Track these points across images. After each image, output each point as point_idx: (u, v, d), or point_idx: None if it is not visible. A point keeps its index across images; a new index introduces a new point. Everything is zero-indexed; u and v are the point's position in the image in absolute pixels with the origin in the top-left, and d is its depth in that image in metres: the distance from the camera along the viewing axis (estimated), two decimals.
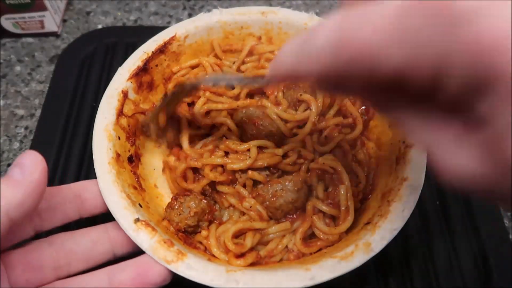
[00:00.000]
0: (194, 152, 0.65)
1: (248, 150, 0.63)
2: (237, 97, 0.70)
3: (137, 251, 0.53)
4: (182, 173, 0.65)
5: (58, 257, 0.51)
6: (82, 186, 0.57)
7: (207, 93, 0.69)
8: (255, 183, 0.63)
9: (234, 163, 0.61)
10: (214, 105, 0.68)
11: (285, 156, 0.65)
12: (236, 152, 0.64)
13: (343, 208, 0.61)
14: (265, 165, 0.62)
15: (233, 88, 0.71)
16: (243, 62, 0.75)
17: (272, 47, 0.74)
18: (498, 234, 0.69)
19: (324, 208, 0.61)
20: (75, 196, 0.55)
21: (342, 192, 0.61)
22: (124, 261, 0.52)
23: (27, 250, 0.51)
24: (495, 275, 0.65)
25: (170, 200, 0.62)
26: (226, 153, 0.65)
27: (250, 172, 0.62)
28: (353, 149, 0.68)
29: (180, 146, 0.67)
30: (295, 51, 0.34)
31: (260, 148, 0.65)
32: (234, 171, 0.63)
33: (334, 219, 0.62)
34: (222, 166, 0.63)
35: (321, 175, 0.64)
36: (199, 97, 0.69)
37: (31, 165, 0.46)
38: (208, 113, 0.69)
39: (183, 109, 0.72)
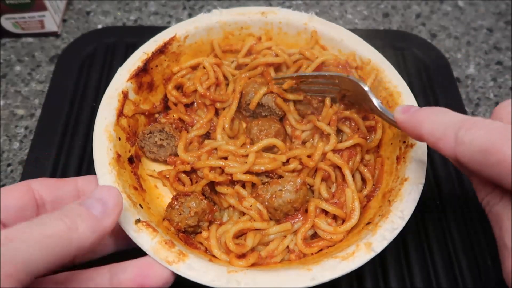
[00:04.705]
0: (191, 156, 0.65)
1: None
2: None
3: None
4: (174, 179, 0.65)
5: None
6: (86, 181, 0.57)
7: None
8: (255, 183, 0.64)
9: (232, 168, 0.61)
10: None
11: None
12: (234, 155, 0.63)
13: (350, 205, 0.61)
14: (263, 169, 0.62)
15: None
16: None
17: (269, 43, 0.74)
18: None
19: (327, 207, 0.61)
20: (79, 190, 0.56)
21: (348, 194, 0.62)
22: (128, 260, 0.51)
23: None
24: (495, 275, 0.65)
25: (170, 200, 0.62)
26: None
27: (240, 174, 0.61)
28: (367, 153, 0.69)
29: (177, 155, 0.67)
30: (445, 128, 0.46)
31: (267, 149, 0.65)
32: None
33: (336, 218, 0.62)
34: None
35: (326, 176, 0.64)
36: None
37: (113, 207, 0.47)
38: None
39: (179, 111, 0.72)
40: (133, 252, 0.53)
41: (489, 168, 0.42)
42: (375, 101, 0.59)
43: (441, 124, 0.47)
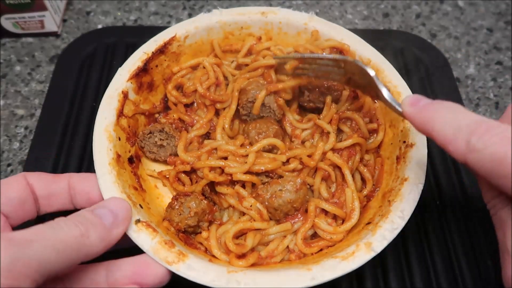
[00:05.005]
0: (190, 156, 0.65)
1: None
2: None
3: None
4: (174, 179, 0.65)
5: None
6: (79, 178, 0.57)
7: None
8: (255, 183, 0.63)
9: (232, 168, 0.61)
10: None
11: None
12: (234, 155, 0.63)
13: (349, 205, 0.61)
14: (263, 169, 0.62)
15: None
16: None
17: (269, 44, 0.74)
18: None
19: (327, 207, 0.61)
20: (70, 187, 0.56)
21: (348, 194, 0.62)
22: (124, 258, 0.52)
23: None
24: (495, 275, 0.65)
25: (170, 200, 0.62)
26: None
27: (240, 174, 0.61)
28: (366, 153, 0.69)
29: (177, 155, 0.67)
30: (456, 130, 0.42)
31: (266, 150, 0.65)
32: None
33: (336, 218, 0.62)
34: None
35: (326, 176, 0.64)
36: None
37: (122, 220, 0.51)
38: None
39: (179, 111, 0.72)
40: (132, 250, 0.53)
41: (499, 179, 0.40)
42: (384, 90, 0.56)
43: (452, 125, 0.43)
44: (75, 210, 0.56)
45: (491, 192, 0.48)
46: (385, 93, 0.55)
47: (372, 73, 0.57)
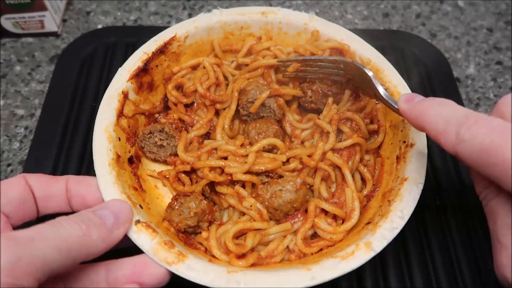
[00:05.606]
0: (190, 156, 0.65)
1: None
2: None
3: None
4: (174, 179, 0.66)
5: None
6: (75, 181, 0.57)
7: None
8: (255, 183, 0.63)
9: (232, 168, 0.61)
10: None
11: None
12: (234, 155, 0.63)
13: (350, 205, 0.61)
14: (263, 169, 0.62)
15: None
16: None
17: (268, 44, 0.74)
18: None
19: (327, 207, 0.61)
20: (67, 190, 0.56)
21: (348, 193, 0.62)
22: (124, 257, 0.52)
23: None
24: (494, 275, 0.65)
25: (170, 201, 0.62)
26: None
27: (240, 174, 0.61)
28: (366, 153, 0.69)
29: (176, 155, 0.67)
30: (446, 122, 0.45)
31: (266, 150, 0.65)
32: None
33: (336, 218, 0.62)
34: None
35: (325, 176, 0.64)
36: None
37: (124, 221, 0.51)
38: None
39: (179, 111, 0.72)
40: (132, 250, 0.53)
41: (488, 168, 0.42)
42: (380, 89, 0.59)
43: (443, 118, 0.46)
44: (73, 212, 0.57)
45: (482, 183, 0.50)
46: (381, 91, 0.59)
47: (370, 73, 0.60)
